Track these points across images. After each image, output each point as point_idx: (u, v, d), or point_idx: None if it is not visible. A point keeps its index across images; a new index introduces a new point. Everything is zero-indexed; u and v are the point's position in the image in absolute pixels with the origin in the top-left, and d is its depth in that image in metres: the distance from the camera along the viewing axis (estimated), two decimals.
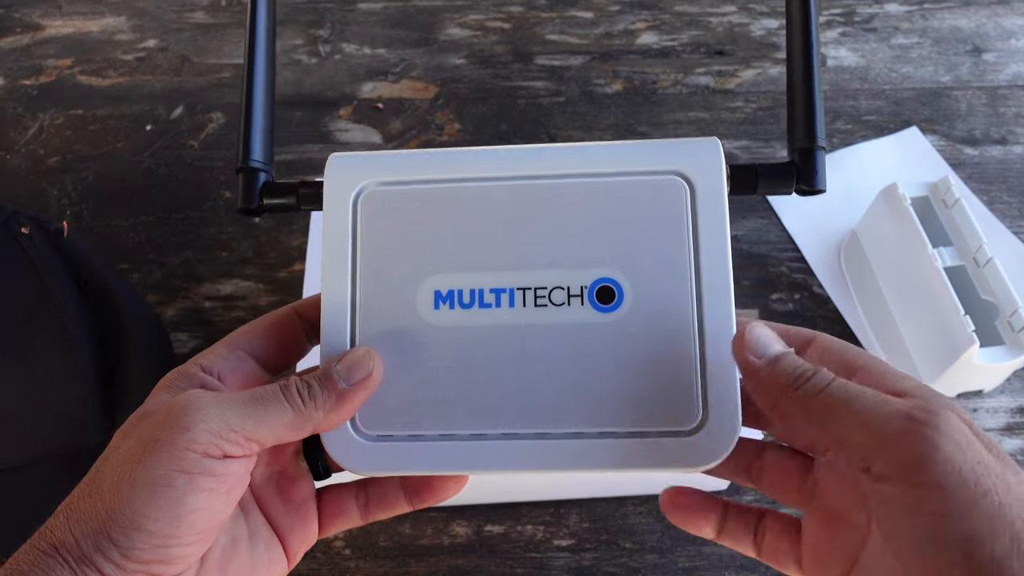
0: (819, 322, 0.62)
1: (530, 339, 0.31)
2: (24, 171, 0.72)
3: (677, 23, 0.83)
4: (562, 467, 0.30)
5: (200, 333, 0.63)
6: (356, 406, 0.29)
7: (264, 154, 0.34)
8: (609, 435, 0.30)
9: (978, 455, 0.22)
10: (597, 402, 0.30)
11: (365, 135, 0.74)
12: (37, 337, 0.50)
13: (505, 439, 0.30)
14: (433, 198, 0.32)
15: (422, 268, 0.32)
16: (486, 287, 0.31)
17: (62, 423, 0.52)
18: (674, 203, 0.31)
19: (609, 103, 0.76)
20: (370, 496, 0.33)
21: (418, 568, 0.52)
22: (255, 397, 0.28)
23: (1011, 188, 0.70)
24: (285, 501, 0.31)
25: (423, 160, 0.33)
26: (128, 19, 0.84)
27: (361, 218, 0.32)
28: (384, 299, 0.31)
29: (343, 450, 0.30)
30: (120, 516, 0.25)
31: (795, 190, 0.32)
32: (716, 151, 0.32)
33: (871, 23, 0.82)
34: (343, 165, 0.33)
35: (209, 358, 0.30)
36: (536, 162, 0.32)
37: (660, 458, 0.29)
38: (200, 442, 0.26)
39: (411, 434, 0.30)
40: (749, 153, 0.72)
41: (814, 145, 0.32)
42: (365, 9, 0.85)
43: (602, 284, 0.31)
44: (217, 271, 0.66)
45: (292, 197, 0.34)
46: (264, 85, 0.35)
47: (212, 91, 0.78)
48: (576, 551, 0.53)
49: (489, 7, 0.85)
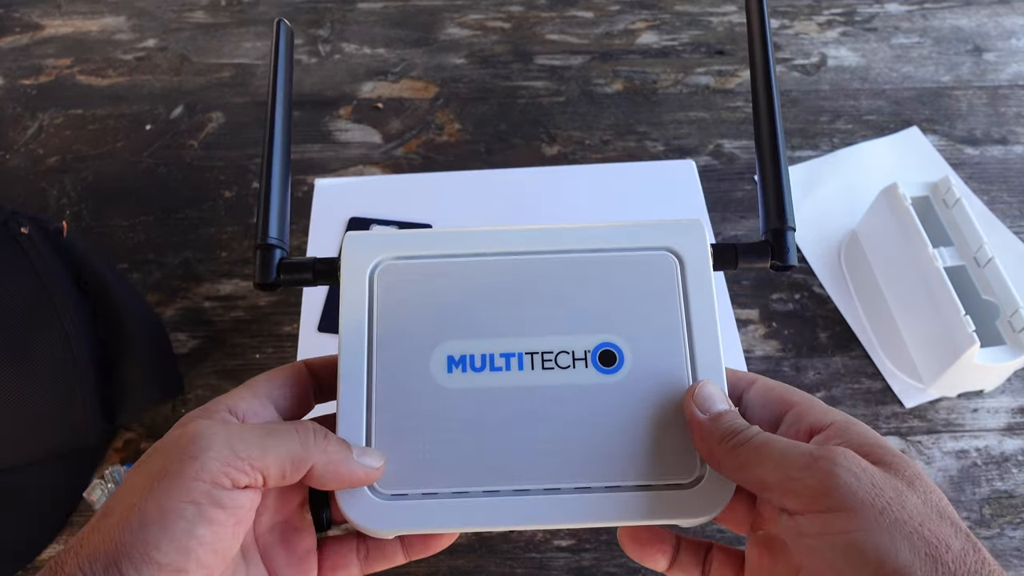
0: (819, 322, 0.62)
1: (539, 400, 0.32)
2: (23, 171, 0.72)
3: (677, 23, 0.83)
4: (572, 521, 0.31)
5: (200, 333, 0.62)
6: (352, 478, 0.30)
7: (280, 232, 0.37)
8: (615, 489, 0.31)
9: (872, 479, 0.26)
10: (603, 458, 0.32)
11: (365, 135, 0.74)
12: (37, 337, 0.50)
13: (517, 495, 0.31)
14: (445, 272, 0.35)
15: (435, 335, 0.33)
16: (496, 352, 0.33)
17: (61, 423, 0.52)
18: (666, 275, 0.35)
19: (609, 103, 0.76)
20: (370, 549, 0.34)
21: (418, 568, 0.52)
22: (268, 430, 0.29)
23: (1011, 188, 0.69)
24: (288, 552, 0.32)
25: (435, 238, 0.36)
26: (128, 19, 0.84)
27: (377, 290, 0.34)
28: (399, 364, 0.33)
29: (359, 509, 0.31)
30: (130, 549, 0.25)
31: (771, 265, 0.36)
32: (700, 230, 0.35)
33: (871, 23, 0.82)
34: (360, 242, 0.35)
35: (233, 400, 0.31)
36: (540, 240, 0.35)
37: (663, 510, 0.31)
38: (208, 471, 0.26)
39: (426, 492, 0.31)
40: (749, 153, 0.72)
41: (784, 227, 0.36)
42: (365, 9, 0.85)
43: (604, 348, 0.33)
44: (217, 271, 0.66)
45: (308, 273, 0.36)
46: (281, 167, 0.38)
47: (212, 91, 0.78)
48: (576, 551, 0.53)
49: (489, 7, 0.85)
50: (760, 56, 0.40)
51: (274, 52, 0.40)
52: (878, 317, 0.61)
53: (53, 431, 0.51)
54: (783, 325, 0.62)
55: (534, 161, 0.72)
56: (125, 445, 0.57)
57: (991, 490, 0.55)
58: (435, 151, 0.73)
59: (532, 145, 0.73)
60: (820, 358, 0.60)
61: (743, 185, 0.70)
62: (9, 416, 0.49)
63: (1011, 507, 0.54)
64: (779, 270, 0.36)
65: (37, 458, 0.52)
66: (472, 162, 0.72)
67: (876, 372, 0.60)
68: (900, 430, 0.57)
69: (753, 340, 0.61)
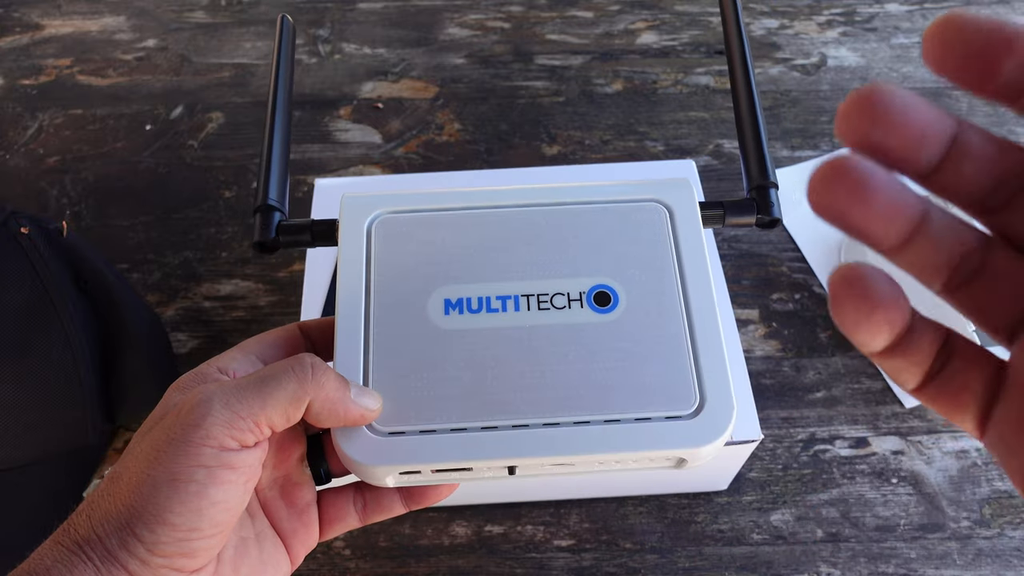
0: (819, 322, 0.62)
1: (535, 338, 0.33)
2: (23, 171, 0.72)
3: (677, 23, 0.83)
4: (572, 452, 0.31)
5: (200, 333, 0.62)
6: (348, 416, 0.30)
7: (280, 195, 0.38)
8: (615, 422, 0.31)
9: None
10: (602, 392, 0.32)
11: (365, 135, 0.74)
12: (36, 337, 0.50)
13: (516, 430, 0.31)
14: (441, 223, 0.35)
15: (432, 281, 0.34)
16: (493, 295, 0.34)
17: (61, 423, 0.52)
18: (657, 224, 0.35)
19: (609, 103, 0.76)
20: (367, 500, 0.34)
21: (418, 568, 0.52)
22: (260, 377, 0.28)
23: None
24: (288, 505, 0.32)
25: (432, 195, 0.36)
26: (128, 19, 0.84)
27: (375, 241, 0.35)
28: (397, 309, 0.33)
29: (356, 446, 0.31)
30: (143, 512, 0.25)
31: (756, 221, 0.37)
32: (689, 187, 0.37)
33: (871, 23, 0.82)
34: (358, 200, 0.36)
35: (224, 360, 0.31)
36: (534, 195, 0.36)
37: (664, 440, 0.31)
38: (214, 436, 0.26)
39: (423, 429, 0.31)
40: None
41: (767, 183, 0.37)
42: (365, 9, 0.85)
43: (598, 289, 0.34)
44: (217, 271, 0.66)
45: (306, 234, 0.37)
46: (282, 132, 0.39)
47: (212, 91, 0.78)
48: (576, 551, 0.53)
49: (489, 7, 0.85)
50: (731, 13, 0.41)
51: (278, 35, 0.42)
52: None
53: (53, 431, 0.51)
54: (783, 325, 0.62)
55: (534, 161, 0.72)
56: (125, 445, 0.57)
57: (991, 490, 0.55)
58: (435, 151, 0.73)
59: (532, 145, 0.73)
60: (820, 358, 0.60)
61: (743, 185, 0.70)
62: (9, 416, 0.49)
63: (1011, 507, 0.54)
64: (765, 226, 0.37)
65: (37, 458, 0.52)
66: (472, 162, 0.72)
67: (876, 372, 0.59)
68: (900, 430, 0.57)
69: (753, 340, 0.61)
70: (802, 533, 0.53)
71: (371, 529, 0.54)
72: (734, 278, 0.64)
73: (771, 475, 0.55)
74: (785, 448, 0.56)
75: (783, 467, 0.56)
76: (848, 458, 0.56)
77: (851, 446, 0.56)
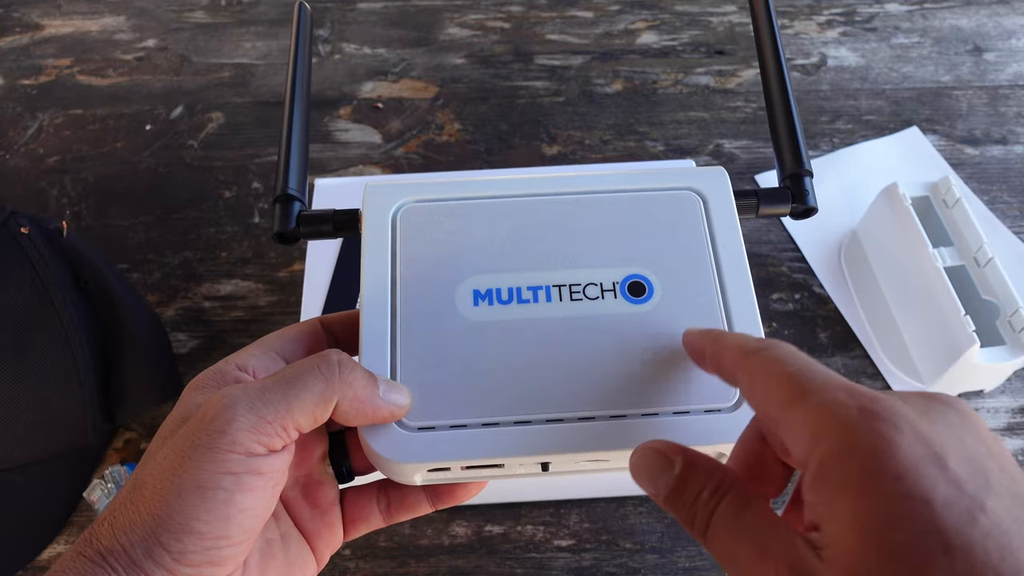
0: (819, 322, 0.62)
1: (568, 330, 0.32)
2: (23, 171, 0.72)
3: (677, 23, 0.83)
4: (608, 447, 0.30)
5: (199, 333, 0.62)
6: (376, 415, 0.29)
7: (300, 184, 0.37)
8: (653, 415, 0.30)
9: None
10: (638, 386, 0.30)
11: (365, 135, 0.74)
12: (36, 337, 0.50)
13: (550, 424, 0.30)
14: (468, 212, 0.34)
15: (460, 271, 0.33)
16: (523, 285, 0.33)
17: (61, 423, 0.52)
18: (691, 212, 0.34)
19: (609, 103, 0.76)
20: (391, 499, 0.33)
21: (418, 568, 0.52)
22: (286, 378, 0.27)
23: (1012, 188, 0.69)
24: (311, 506, 0.32)
25: (457, 183, 0.35)
26: (128, 19, 0.84)
27: (400, 231, 0.34)
28: (424, 301, 0.32)
29: (385, 442, 0.30)
30: (169, 521, 0.25)
31: (791, 210, 0.36)
32: (723, 175, 0.35)
33: (871, 23, 0.82)
34: (381, 189, 0.35)
35: (243, 357, 0.30)
36: (562, 183, 0.35)
37: (705, 434, 0.30)
38: (240, 442, 0.25)
39: (454, 424, 0.30)
40: (749, 153, 0.72)
41: (802, 171, 0.36)
42: (365, 9, 0.85)
43: (633, 279, 0.33)
44: (216, 271, 0.66)
45: (328, 224, 0.36)
46: (301, 123, 0.38)
47: (212, 91, 0.78)
48: (576, 551, 0.53)
49: (489, 7, 0.85)
50: (762, 2, 0.40)
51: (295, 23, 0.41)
52: (878, 317, 0.61)
53: (53, 431, 0.51)
54: (783, 325, 0.62)
55: (534, 161, 0.72)
56: (125, 445, 0.57)
57: None
58: (435, 151, 0.73)
59: (532, 145, 0.73)
60: (820, 358, 0.60)
61: (743, 185, 0.70)
62: (9, 416, 0.49)
63: None
64: (799, 216, 0.36)
65: (37, 458, 0.52)
66: (472, 162, 0.72)
67: (876, 372, 0.59)
68: None
69: None
70: None
71: None
72: None
73: None
74: None
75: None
76: None
77: None
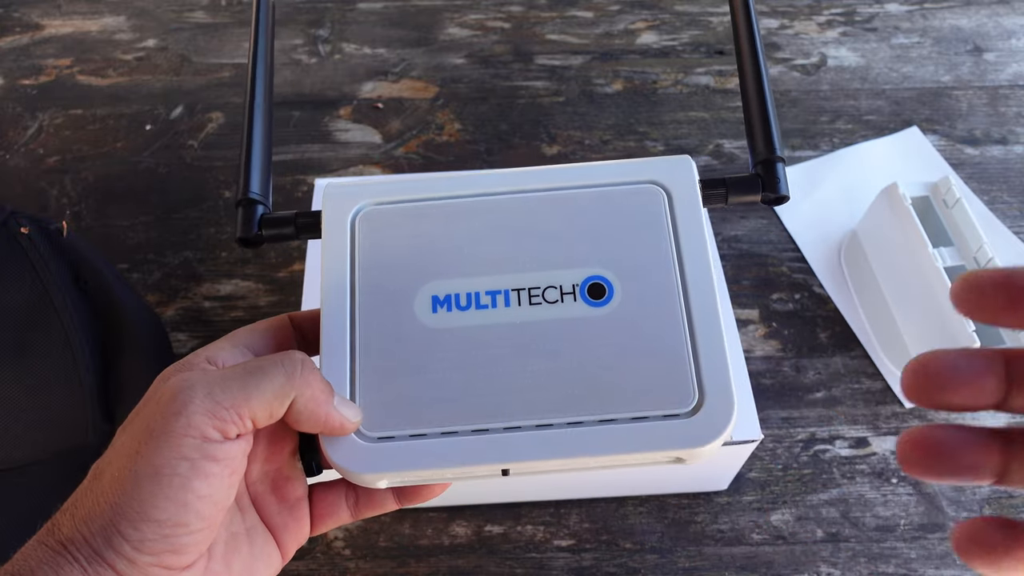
0: (819, 322, 0.62)
1: (527, 335, 0.31)
2: (23, 171, 0.72)
3: (677, 23, 0.83)
4: (565, 455, 0.30)
5: (199, 333, 0.62)
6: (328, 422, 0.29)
7: (262, 187, 0.36)
8: (610, 422, 0.30)
9: None
10: (596, 391, 0.30)
11: (365, 135, 0.74)
12: (36, 337, 0.50)
13: (508, 432, 0.30)
14: (426, 214, 0.34)
15: (419, 277, 0.33)
16: (481, 290, 0.32)
17: (61, 423, 0.52)
18: (653, 207, 0.34)
19: (609, 103, 0.76)
20: (359, 496, 0.33)
21: (418, 568, 0.52)
22: (248, 369, 0.28)
23: (1012, 188, 0.69)
24: (279, 500, 0.32)
25: (415, 182, 0.35)
26: (128, 19, 0.84)
27: (359, 235, 0.34)
28: (382, 307, 0.32)
29: (343, 453, 0.30)
30: (128, 509, 0.25)
31: (762, 198, 0.35)
32: (689, 165, 0.34)
33: (871, 23, 0.82)
34: (340, 191, 0.35)
35: (213, 350, 0.30)
36: (522, 180, 0.35)
37: (662, 440, 0.30)
38: (195, 425, 0.26)
39: (413, 433, 0.30)
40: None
41: (774, 157, 0.35)
42: (365, 9, 0.85)
43: (592, 281, 0.32)
44: (216, 271, 0.66)
45: (290, 227, 0.36)
46: (263, 124, 0.38)
47: (212, 91, 0.78)
48: (576, 551, 0.53)
49: (489, 7, 0.85)
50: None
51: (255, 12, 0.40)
52: (878, 317, 0.61)
53: (53, 431, 0.51)
54: (783, 325, 0.62)
55: (534, 161, 0.72)
56: None
57: (991, 490, 0.55)
58: (435, 151, 0.73)
59: (532, 145, 0.73)
60: (820, 358, 0.60)
61: None
62: (9, 416, 0.49)
63: (1011, 507, 0.54)
64: (771, 203, 0.35)
65: (37, 458, 0.52)
66: (472, 162, 0.72)
67: (876, 372, 0.59)
68: (900, 430, 0.57)
69: (753, 340, 0.61)
70: (802, 533, 0.53)
71: (371, 529, 0.54)
72: (734, 278, 0.64)
73: (771, 475, 0.55)
74: (785, 448, 0.56)
75: (783, 467, 0.56)
76: (848, 458, 0.56)
77: (851, 446, 0.56)
